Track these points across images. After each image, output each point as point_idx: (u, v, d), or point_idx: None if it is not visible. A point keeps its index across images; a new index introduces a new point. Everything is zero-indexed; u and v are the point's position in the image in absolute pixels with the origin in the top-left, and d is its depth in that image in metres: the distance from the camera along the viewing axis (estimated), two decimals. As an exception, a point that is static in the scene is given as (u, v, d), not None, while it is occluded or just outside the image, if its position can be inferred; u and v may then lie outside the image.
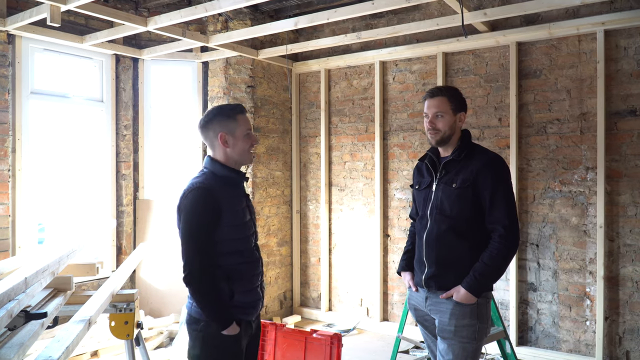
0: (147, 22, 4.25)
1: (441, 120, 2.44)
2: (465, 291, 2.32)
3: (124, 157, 5.10)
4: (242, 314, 2.19)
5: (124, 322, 2.76)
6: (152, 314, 5.02)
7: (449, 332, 2.37)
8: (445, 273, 2.41)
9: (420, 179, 2.60)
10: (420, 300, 2.54)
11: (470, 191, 2.36)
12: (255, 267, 2.27)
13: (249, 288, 2.23)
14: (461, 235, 2.38)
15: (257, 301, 2.27)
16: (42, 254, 2.66)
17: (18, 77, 4.30)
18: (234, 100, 5.26)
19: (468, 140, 2.50)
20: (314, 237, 5.72)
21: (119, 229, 5.05)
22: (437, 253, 2.42)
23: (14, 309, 1.94)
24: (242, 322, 2.19)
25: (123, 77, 5.13)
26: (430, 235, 2.44)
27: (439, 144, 2.49)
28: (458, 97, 2.50)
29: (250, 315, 2.25)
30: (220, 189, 2.17)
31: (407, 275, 2.63)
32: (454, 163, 2.45)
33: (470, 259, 2.36)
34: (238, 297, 2.17)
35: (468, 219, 2.37)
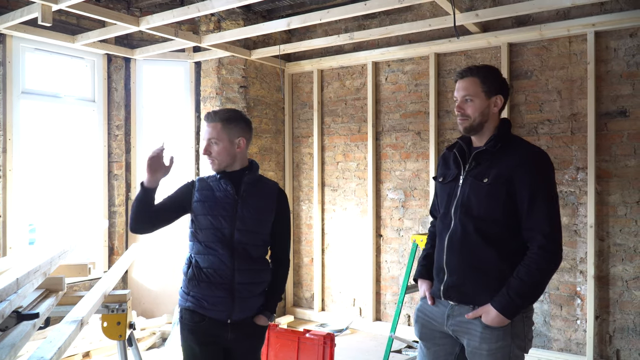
0: (139, 22, 4.23)
1: (471, 104, 2.08)
2: (497, 313, 1.93)
3: (116, 157, 5.08)
4: (197, 307, 2.28)
5: (116, 322, 2.74)
6: (144, 314, 5.00)
7: (480, 357, 1.99)
8: (468, 283, 2.03)
9: (446, 170, 2.21)
10: (438, 316, 2.13)
11: (504, 189, 1.98)
12: (215, 262, 2.27)
13: (203, 280, 2.27)
14: (490, 241, 2.00)
15: (212, 297, 2.26)
16: (34, 255, 2.64)
17: (9, 77, 4.27)
18: (225, 100, 5.26)
19: (507, 129, 2.12)
20: (306, 238, 5.73)
21: (111, 230, 5.03)
22: (459, 259, 2.05)
23: (5, 309, 1.92)
24: (206, 318, 2.28)
25: (115, 77, 5.10)
26: (453, 238, 2.07)
27: (468, 132, 2.12)
28: (492, 78, 2.10)
29: (206, 310, 2.26)
30: (204, 183, 2.40)
31: (423, 284, 2.24)
32: (488, 154, 2.06)
33: (500, 269, 1.99)
34: (192, 286, 2.29)
35: (499, 222, 2.00)
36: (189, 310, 2.30)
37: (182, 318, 2.33)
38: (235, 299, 2.27)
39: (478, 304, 2.00)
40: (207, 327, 2.28)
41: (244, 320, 2.33)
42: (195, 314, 2.28)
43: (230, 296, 2.26)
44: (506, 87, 2.15)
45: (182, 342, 2.34)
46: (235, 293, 2.27)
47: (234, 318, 2.29)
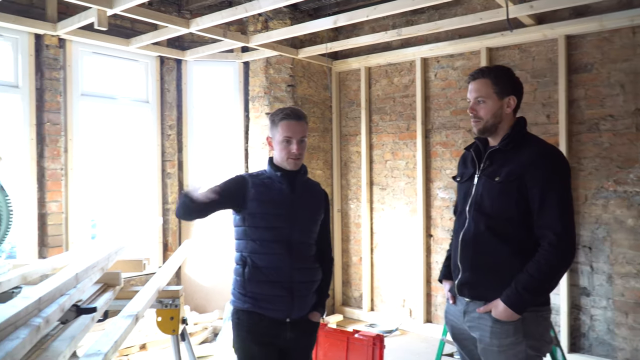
0: (189, 24, 4.32)
1: (483, 106, 2.10)
2: (505, 307, 1.95)
3: (169, 156, 5.21)
4: (256, 307, 2.25)
5: (170, 317, 2.80)
6: (197, 309, 5.11)
7: (492, 353, 2.01)
8: (480, 280, 2.07)
9: (464, 170, 2.27)
10: (457, 314, 2.19)
11: (516, 187, 1.99)
12: (274, 261, 2.25)
13: (261, 279, 2.24)
14: (502, 238, 2.02)
15: (272, 296, 2.25)
16: (92, 251, 2.74)
17: (69, 80, 4.45)
18: (273, 99, 5.30)
19: (520, 128, 2.12)
20: (355, 237, 5.69)
21: (165, 226, 5.17)
22: (472, 256, 2.09)
23: (65, 303, 1.99)
24: (265, 317, 2.25)
25: (167, 78, 5.24)
26: (467, 235, 2.11)
27: (482, 134, 2.15)
28: (505, 78, 2.11)
29: (265, 309, 2.25)
30: (257, 179, 2.34)
31: (447, 285, 2.29)
32: (500, 153, 2.09)
33: (512, 266, 2.00)
34: (250, 286, 2.26)
35: (511, 220, 2.02)
36: (247, 311, 2.27)
37: (238, 319, 2.30)
38: (294, 298, 2.27)
39: (489, 300, 2.03)
40: (266, 327, 2.26)
41: (301, 319, 2.33)
42: (254, 314, 2.26)
43: (289, 295, 2.26)
44: (519, 87, 2.15)
45: (239, 343, 2.31)
46: (294, 292, 2.26)
47: (293, 317, 2.28)
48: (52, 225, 4.23)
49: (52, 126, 4.28)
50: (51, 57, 4.30)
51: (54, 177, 4.28)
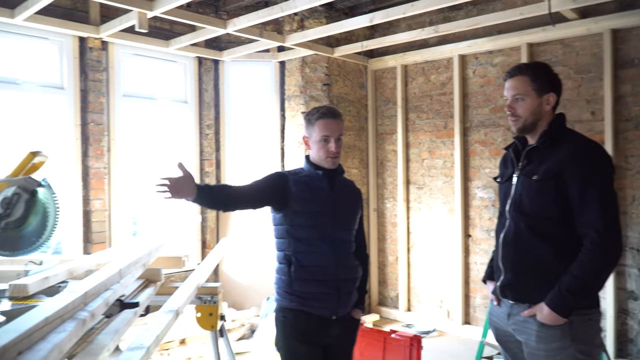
0: (226, 25, 4.37)
1: (521, 104, 2.04)
2: (549, 310, 1.89)
3: (207, 155, 5.30)
4: (303, 306, 2.24)
5: (209, 313, 2.84)
6: (234, 306, 5.17)
7: (539, 358, 1.95)
8: (522, 281, 2.02)
9: (504, 170, 2.23)
10: (501, 316, 2.13)
11: (554, 184, 1.93)
12: (320, 260, 2.25)
13: (308, 278, 2.24)
14: (544, 238, 1.96)
15: (319, 295, 2.24)
16: (134, 247, 2.80)
17: (111, 81, 4.58)
18: (309, 99, 5.31)
19: (559, 124, 2.05)
20: (391, 236, 5.64)
21: (203, 224, 5.26)
22: (513, 257, 2.04)
23: (109, 298, 2.04)
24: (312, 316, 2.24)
25: (205, 79, 5.32)
26: (508, 236, 2.06)
27: (521, 132, 2.09)
28: (543, 75, 2.05)
29: (312, 308, 2.24)
30: (297, 177, 2.32)
31: (490, 286, 2.23)
32: (538, 151, 2.04)
33: (556, 268, 1.93)
34: (297, 285, 2.24)
35: (552, 219, 1.95)
36: (294, 309, 2.27)
37: (284, 317, 2.30)
38: (340, 295, 2.27)
39: (533, 303, 1.97)
40: (312, 325, 2.26)
41: (345, 316, 2.34)
42: (301, 312, 2.26)
43: (336, 293, 2.26)
44: (558, 84, 2.09)
45: (284, 341, 2.32)
46: (340, 289, 2.27)
47: (339, 314, 2.29)
48: (96, 222, 4.36)
49: (95, 126, 4.41)
50: (94, 59, 4.43)
51: (98, 175, 4.42)
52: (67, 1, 4.17)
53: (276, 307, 2.36)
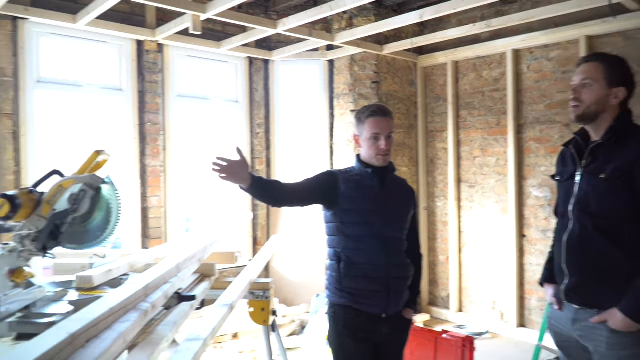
0: (276, 25, 4.43)
1: (588, 90, 1.93)
2: (623, 317, 1.79)
3: (258, 153, 5.40)
4: (353, 302, 2.25)
5: (261, 308, 2.89)
6: (284, 302, 5.24)
7: None
8: (590, 286, 1.91)
9: (563, 168, 2.11)
10: (564, 321, 2.03)
11: (624, 184, 1.82)
12: (369, 257, 2.25)
13: (358, 275, 2.24)
14: (613, 240, 1.85)
15: (369, 292, 2.24)
16: (190, 243, 2.89)
17: (167, 82, 4.73)
18: (358, 97, 5.30)
19: (625, 120, 1.94)
20: (442, 235, 5.55)
21: (255, 221, 5.37)
22: (579, 260, 1.94)
23: (168, 290, 2.11)
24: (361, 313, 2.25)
25: (256, 78, 5.42)
26: (572, 238, 1.95)
27: (580, 121, 1.98)
28: (619, 67, 1.94)
29: (362, 305, 2.24)
30: (347, 175, 2.33)
31: (549, 289, 2.13)
32: (604, 148, 1.93)
33: (628, 271, 1.82)
34: (346, 282, 2.25)
35: (622, 220, 1.84)
36: (343, 306, 2.29)
37: (335, 314, 2.32)
38: (390, 294, 2.26)
39: (603, 308, 1.87)
40: (362, 322, 2.27)
41: (396, 315, 2.32)
42: (351, 309, 2.27)
43: (386, 291, 2.25)
44: (632, 81, 1.97)
45: (335, 337, 2.34)
46: (390, 287, 2.26)
47: (389, 312, 2.28)
48: (153, 218, 4.54)
49: (152, 126, 4.58)
50: (151, 61, 4.59)
51: (154, 173, 4.58)
52: (125, 6, 4.33)
53: (328, 303, 2.37)
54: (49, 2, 4.07)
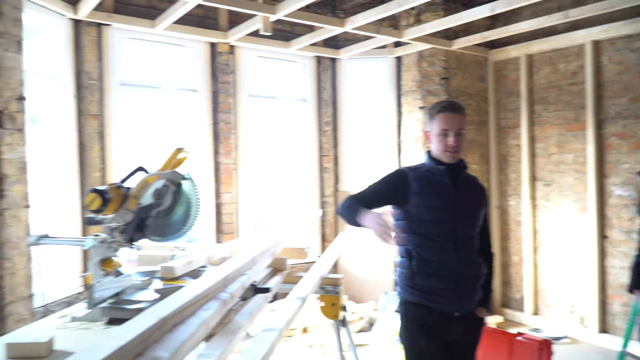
0: (344, 23, 4.45)
1: None
2: None
3: (326, 151, 5.47)
4: (424, 300, 2.23)
5: (331, 303, 2.92)
6: (352, 299, 5.27)
7: None
8: None
9: None
10: None
11: None
12: (441, 255, 2.22)
13: (429, 273, 2.21)
14: None
15: (440, 290, 2.21)
16: (262, 238, 2.97)
17: (238, 83, 4.89)
18: (426, 93, 5.22)
19: None
20: (515, 235, 5.36)
21: (323, 218, 5.45)
22: None
23: (245, 282, 2.18)
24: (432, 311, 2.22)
25: (323, 77, 5.48)
26: None
27: None
28: None
29: (433, 302, 2.21)
30: (418, 172, 2.31)
31: None
32: None
33: None
34: (418, 279, 2.23)
35: None
36: (415, 303, 2.27)
37: (406, 311, 2.32)
38: (462, 292, 2.23)
39: None
40: (434, 321, 2.25)
41: (469, 314, 2.28)
42: (422, 306, 2.25)
43: (457, 289, 2.22)
44: None
45: (406, 334, 2.33)
46: (462, 286, 2.23)
47: (461, 311, 2.24)
48: (226, 214, 4.72)
49: (225, 125, 4.75)
50: (223, 62, 4.76)
51: (227, 171, 4.76)
52: (199, 10, 4.51)
53: (399, 300, 2.36)
54: (130, 9, 4.32)
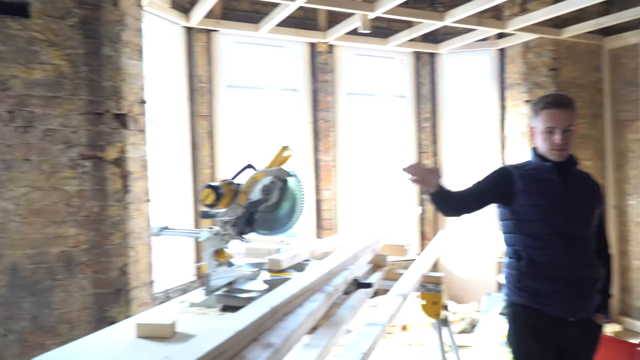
0: (443, 17, 4.36)
1: None
2: None
3: (425, 148, 5.41)
4: (534, 303, 2.14)
5: (433, 302, 2.90)
6: (452, 299, 5.18)
7: None
8: None
9: None
10: None
11: None
12: (552, 256, 2.10)
13: (538, 274, 2.12)
14: None
15: (551, 293, 2.09)
16: (363, 234, 3.01)
17: (337, 81, 4.99)
18: (533, 86, 4.97)
19: None
20: (635, 237, 4.92)
21: (422, 216, 5.40)
22: None
23: (348, 277, 2.23)
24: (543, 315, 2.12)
25: (422, 72, 5.42)
26: None
27: None
28: None
29: (544, 305, 2.11)
30: (523, 170, 2.23)
31: None
32: None
33: None
34: (527, 280, 2.15)
35: None
36: (524, 305, 2.19)
37: (514, 313, 2.24)
38: (576, 296, 2.11)
39: None
40: (545, 325, 2.15)
41: (585, 320, 2.15)
42: (531, 309, 2.16)
43: (570, 292, 2.10)
44: None
45: (514, 337, 2.26)
46: (576, 289, 2.11)
47: (576, 316, 2.12)
48: (326, 210, 4.86)
49: (324, 123, 4.88)
50: (322, 62, 4.88)
51: (326, 168, 4.89)
52: (299, 12, 4.63)
53: (507, 302, 2.29)
54: (236, 14, 4.55)
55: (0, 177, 2.62)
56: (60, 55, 2.73)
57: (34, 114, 2.67)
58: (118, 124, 2.89)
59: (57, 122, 2.71)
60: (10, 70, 2.63)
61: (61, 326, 2.70)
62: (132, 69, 3.05)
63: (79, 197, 2.76)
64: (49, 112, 2.69)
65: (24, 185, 2.66)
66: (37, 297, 2.66)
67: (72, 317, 2.72)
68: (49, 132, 2.70)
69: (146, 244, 3.13)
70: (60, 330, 2.69)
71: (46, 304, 2.68)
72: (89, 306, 2.76)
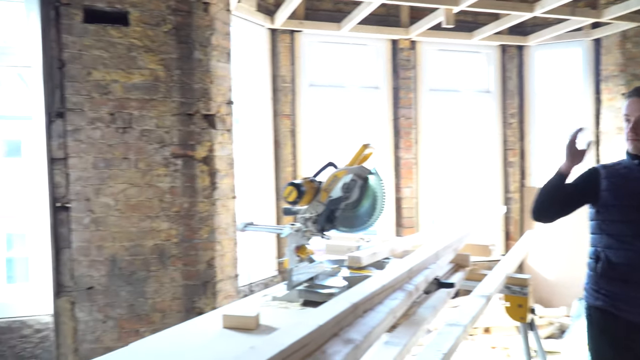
0: (532, 8, 4.16)
1: None
2: None
3: (510, 144, 5.20)
4: (610, 306, 2.04)
5: (518, 304, 2.79)
6: (540, 302, 4.96)
7: None
8: None
9: None
10: None
11: None
12: (631, 258, 1.98)
13: (615, 277, 2.02)
14: None
15: (627, 296, 1.98)
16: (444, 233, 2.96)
17: (418, 78, 4.92)
18: (631, 77, 4.62)
19: None
20: None
21: (507, 215, 5.22)
22: None
23: (428, 276, 2.21)
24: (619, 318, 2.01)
25: (509, 66, 5.21)
26: None
27: None
28: None
29: (619, 310, 1.99)
30: (612, 169, 2.14)
31: None
32: None
33: None
34: (603, 282, 2.06)
35: None
36: (600, 308, 2.10)
37: (590, 316, 2.16)
38: None
39: None
40: (621, 330, 2.04)
41: None
42: (608, 313, 2.07)
43: None
44: None
45: (591, 342, 2.17)
46: None
47: None
48: (406, 208, 4.81)
49: (405, 120, 4.84)
50: (404, 58, 4.83)
51: (407, 166, 4.84)
52: (381, 9, 4.62)
53: (585, 304, 2.21)
54: (319, 14, 4.62)
55: (102, 174, 2.86)
56: (155, 60, 2.93)
57: (132, 115, 2.89)
58: (207, 124, 3.05)
59: (152, 123, 2.92)
60: (112, 75, 2.86)
61: (154, 315, 2.91)
62: (220, 71, 3.20)
63: (170, 193, 2.95)
64: (145, 113, 2.90)
65: (123, 182, 2.89)
66: (133, 287, 2.88)
67: (164, 306, 2.92)
68: (145, 132, 2.91)
69: (232, 239, 3.28)
70: (154, 319, 2.90)
71: (141, 293, 2.89)
72: (179, 297, 2.95)
